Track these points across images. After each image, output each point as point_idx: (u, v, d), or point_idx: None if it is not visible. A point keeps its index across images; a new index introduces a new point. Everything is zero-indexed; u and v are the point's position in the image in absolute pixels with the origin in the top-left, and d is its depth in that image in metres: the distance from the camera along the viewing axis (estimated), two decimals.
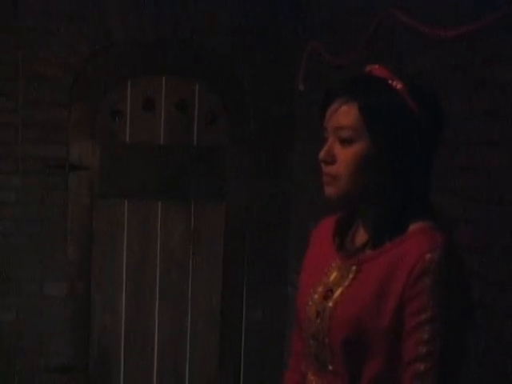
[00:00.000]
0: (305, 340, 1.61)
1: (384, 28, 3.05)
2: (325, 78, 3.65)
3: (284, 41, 4.13)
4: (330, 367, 1.51)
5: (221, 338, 4.26)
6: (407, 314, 1.39)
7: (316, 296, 1.56)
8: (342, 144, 1.49)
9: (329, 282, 1.55)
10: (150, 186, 4.10)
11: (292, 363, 1.78)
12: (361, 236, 1.58)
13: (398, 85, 1.47)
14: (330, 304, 1.51)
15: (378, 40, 3.13)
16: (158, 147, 4.10)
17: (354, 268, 1.51)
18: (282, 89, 4.12)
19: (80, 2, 3.88)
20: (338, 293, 1.51)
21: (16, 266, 3.90)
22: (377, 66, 1.53)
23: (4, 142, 3.85)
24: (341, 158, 1.49)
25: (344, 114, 1.48)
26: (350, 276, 1.51)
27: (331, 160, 1.51)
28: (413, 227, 1.47)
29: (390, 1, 3.00)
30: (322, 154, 1.52)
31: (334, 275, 1.55)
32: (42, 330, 3.94)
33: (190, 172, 4.13)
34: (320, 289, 1.56)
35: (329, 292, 1.53)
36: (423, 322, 1.37)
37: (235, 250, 4.25)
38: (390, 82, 1.48)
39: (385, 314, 1.42)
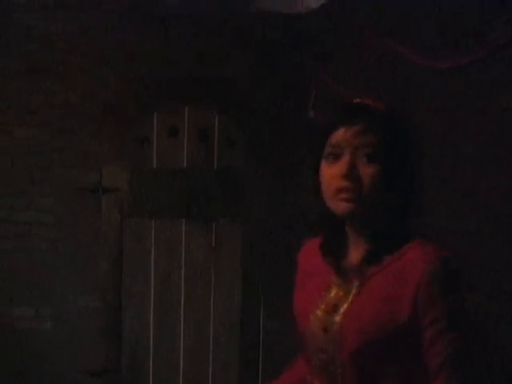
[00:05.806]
0: (311, 355, 1.60)
1: (384, 59, 3.14)
2: (331, 105, 3.58)
3: (295, 73, 4.17)
4: (340, 380, 1.52)
5: (241, 346, 4.35)
6: (425, 325, 1.42)
7: (319, 312, 1.56)
8: (367, 163, 1.48)
9: (331, 299, 1.56)
10: (174, 206, 4.22)
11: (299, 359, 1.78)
12: (356, 253, 1.57)
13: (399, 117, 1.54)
14: (338, 318, 1.51)
15: (378, 70, 3.22)
16: (182, 171, 4.24)
17: (356, 283, 1.52)
18: (293, 116, 4.14)
19: (110, 43, 4.03)
20: (344, 307, 1.52)
21: (53, 280, 4.03)
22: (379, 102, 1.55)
23: (42, 167, 4.01)
24: (365, 176, 1.48)
25: (366, 137, 1.49)
26: (354, 291, 1.52)
27: (355, 177, 1.48)
28: (408, 243, 1.50)
29: (390, 32, 3.06)
30: (344, 170, 1.48)
31: (334, 292, 1.56)
32: (78, 337, 4.04)
33: (210, 193, 4.24)
34: (322, 306, 1.56)
35: (333, 308, 1.54)
36: (444, 328, 1.41)
37: (253, 264, 4.33)
38: (394, 114, 1.54)
39: (398, 321, 1.44)
